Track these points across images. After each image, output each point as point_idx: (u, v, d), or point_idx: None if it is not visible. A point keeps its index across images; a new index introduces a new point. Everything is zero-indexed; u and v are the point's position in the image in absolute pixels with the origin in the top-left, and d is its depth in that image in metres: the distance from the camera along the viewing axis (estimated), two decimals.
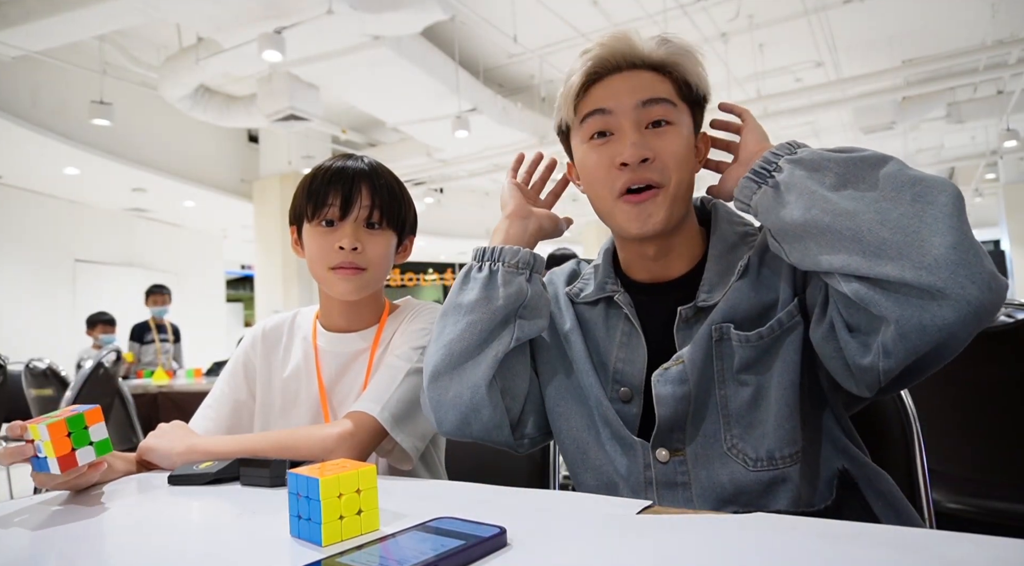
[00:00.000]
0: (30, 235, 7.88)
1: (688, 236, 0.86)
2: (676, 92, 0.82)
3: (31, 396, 3.08)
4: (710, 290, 0.80)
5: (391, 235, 1.06)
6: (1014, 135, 7.68)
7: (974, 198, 12.37)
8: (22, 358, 3.42)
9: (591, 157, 0.83)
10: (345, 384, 1.07)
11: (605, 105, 0.81)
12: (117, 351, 2.99)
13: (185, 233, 10.45)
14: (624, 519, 0.58)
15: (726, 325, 0.78)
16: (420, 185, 10.30)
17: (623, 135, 0.80)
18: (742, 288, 0.79)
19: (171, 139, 7.78)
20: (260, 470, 0.81)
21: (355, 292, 1.04)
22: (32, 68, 5.98)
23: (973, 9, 6.20)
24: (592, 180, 0.83)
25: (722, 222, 0.87)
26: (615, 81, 0.81)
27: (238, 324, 13.76)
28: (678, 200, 0.80)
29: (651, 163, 0.78)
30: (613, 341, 0.86)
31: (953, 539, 0.49)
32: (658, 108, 0.80)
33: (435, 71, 6.26)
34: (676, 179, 0.80)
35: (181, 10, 4.94)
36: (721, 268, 0.82)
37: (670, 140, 0.80)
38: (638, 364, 0.83)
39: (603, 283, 0.90)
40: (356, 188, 1.01)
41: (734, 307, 0.78)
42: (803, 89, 7.22)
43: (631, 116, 0.79)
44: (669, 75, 0.82)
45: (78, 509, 0.74)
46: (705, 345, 0.77)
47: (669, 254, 0.85)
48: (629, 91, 0.80)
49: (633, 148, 0.78)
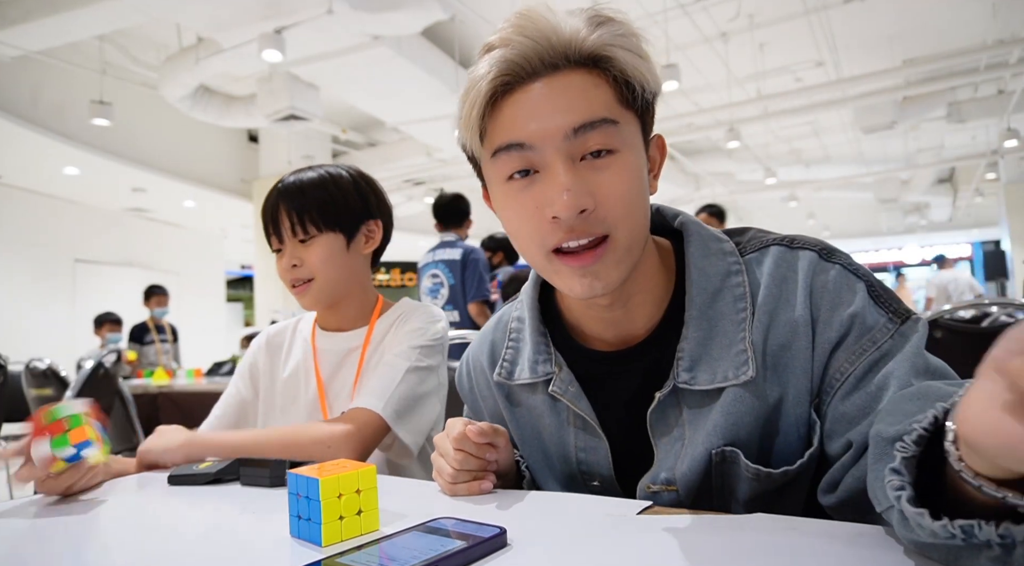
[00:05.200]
0: (30, 235, 7.88)
1: (649, 275, 0.68)
2: (616, 98, 0.61)
3: (31, 396, 3.08)
4: (691, 366, 0.64)
5: (331, 236, 1.08)
6: (1015, 135, 7.67)
7: (975, 198, 12.37)
8: (22, 358, 3.42)
9: (512, 207, 0.63)
10: (339, 381, 1.12)
11: (523, 138, 0.60)
12: (118, 351, 2.99)
13: (185, 233, 10.45)
14: (624, 519, 0.58)
15: (730, 451, 0.63)
16: (420, 185, 10.30)
17: (552, 175, 0.59)
18: (742, 393, 0.62)
19: (171, 139, 7.78)
20: (260, 470, 0.81)
21: (314, 302, 1.10)
22: (32, 68, 5.98)
23: (973, 9, 6.19)
24: (516, 233, 0.64)
25: (697, 257, 0.68)
26: (532, 93, 0.60)
27: (238, 324, 13.75)
28: (633, 249, 0.63)
29: (591, 213, 0.59)
30: (567, 433, 0.73)
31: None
32: (595, 135, 0.59)
33: (435, 71, 6.26)
34: (628, 227, 0.61)
35: (181, 10, 4.93)
36: (702, 332, 0.65)
37: (614, 176, 0.60)
38: (602, 455, 0.70)
39: (535, 362, 0.73)
40: (277, 214, 1.07)
41: (736, 423, 0.63)
42: (803, 89, 7.22)
43: (560, 149, 0.59)
44: (605, 73, 0.60)
45: (78, 509, 0.74)
46: (702, 468, 0.64)
47: (628, 303, 0.68)
48: (552, 112, 0.59)
49: (568, 197, 0.58)
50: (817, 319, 0.62)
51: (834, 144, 10.66)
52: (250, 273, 12.11)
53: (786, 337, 0.63)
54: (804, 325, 0.62)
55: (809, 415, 0.62)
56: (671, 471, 0.65)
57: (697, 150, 10.25)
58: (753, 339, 0.63)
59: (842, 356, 0.61)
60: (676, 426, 0.66)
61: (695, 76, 7.38)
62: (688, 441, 0.65)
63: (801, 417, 0.63)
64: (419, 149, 8.84)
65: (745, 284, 0.65)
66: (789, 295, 0.64)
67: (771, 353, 0.63)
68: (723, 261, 0.67)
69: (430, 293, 3.38)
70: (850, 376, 0.60)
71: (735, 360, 0.63)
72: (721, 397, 0.63)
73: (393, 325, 1.12)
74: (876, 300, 0.62)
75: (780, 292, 0.64)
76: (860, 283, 0.63)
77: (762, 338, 0.63)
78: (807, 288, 0.63)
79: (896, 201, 12.58)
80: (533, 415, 0.76)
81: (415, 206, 10.71)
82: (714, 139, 9.05)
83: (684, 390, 0.65)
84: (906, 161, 11.50)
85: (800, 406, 0.62)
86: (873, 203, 12.71)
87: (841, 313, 0.61)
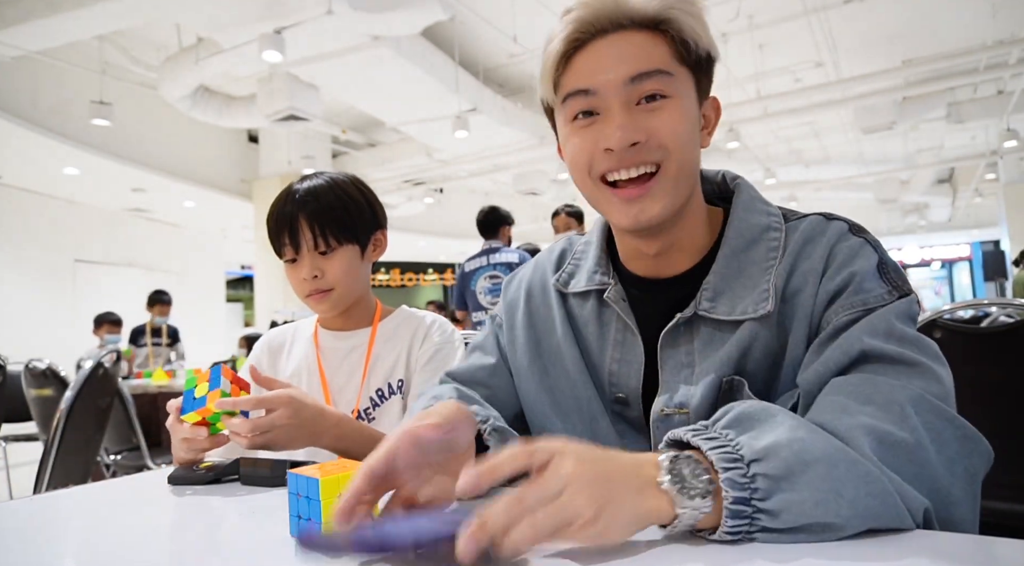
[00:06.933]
0: (30, 235, 7.88)
1: (695, 225, 0.75)
2: (673, 55, 0.68)
3: (31, 396, 3.07)
4: (713, 297, 0.70)
5: (349, 248, 1.11)
6: (1014, 135, 7.68)
7: (974, 198, 12.38)
8: (22, 358, 3.41)
9: (573, 141, 0.71)
10: (343, 378, 1.15)
11: (588, 84, 0.68)
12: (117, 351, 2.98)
13: (185, 233, 10.46)
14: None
15: (737, 379, 0.68)
16: (420, 185, 10.30)
17: (610, 116, 0.68)
18: (758, 329, 0.68)
19: (171, 139, 7.78)
20: (260, 470, 0.81)
21: (331, 310, 1.13)
22: (32, 68, 5.98)
23: (973, 9, 6.19)
24: (574, 165, 0.72)
25: (741, 209, 0.74)
26: (599, 48, 0.68)
27: (238, 324, 13.75)
28: (680, 184, 0.69)
29: (643, 145, 0.67)
30: (607, 341, 0.78)
31: (953, 539, 0.49)
32: (650, 82, 0.67)
33: (435, 71, 6.26)
34: (676, 159, 0.68)
35: (181, 10, 4.94)
36: (730, 271, 0.71)
37: (667, 116, 0.67)
38: (635, 368, 0.75)
39: (593, 272, 0.81)
40: (296, 225, 1.08)
41: (745, 353, 0.68)
42: (803, 89, 7.23)
43: (619, 95, 0.67)
44: (664, 34, 0.68)
45: (78, 509, 0.74)
46: (712, 395, 0.68)
47: (670, 249, 0.74)
48: (615, 63, 0.67)
49: (620, 130, 0.66)
50: (825, 271, 0.67)
51: (834, 144, 10.67)
52: (250, 273, 12.12)
53: (799, 284, 0.68)
54: (814, 275, 0.67)
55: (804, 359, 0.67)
56: (686, 397, 0.69)
57: None
58: (776, 282, 0.68)
59: (832, 309, 0.65)
60: (685, 353, 0.71)
61: None
62: (699, 370, 0.70)
63: (797, 359, 0.67)
64: (419, 149, 8.85)
65: (780, 240, 0.71)
66: (812, 251, 0.69)
67: (786, 298, 0.68)
68: (766, 218, 0.74)
69: (489, 293, 3.70)
70: (830, 326, 0.64)
71: (757, 297, 0.68)
72: (737, 331, 0.68)
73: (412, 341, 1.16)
74: (883, 274, 0.66)
75: (805, 248, 0.70)
76: (875, 255, 0.68)
77: (783, 283, 0.69)
78: (828, 247, 0.69)
79: (896, 201, 12.58)
80: (578, 324, 0.81)
81: (415, 206, 10.72)
82: (714, 139, 9.02)
83: (703, 318, 0.70)
84: (906, 161, 11.50)
85: (798, 348, 0.67)
86: (873, 203, 12.72)
87: (844, 269, 0.66)
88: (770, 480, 0.48)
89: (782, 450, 0.49)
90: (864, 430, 0.53)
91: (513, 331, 0.86)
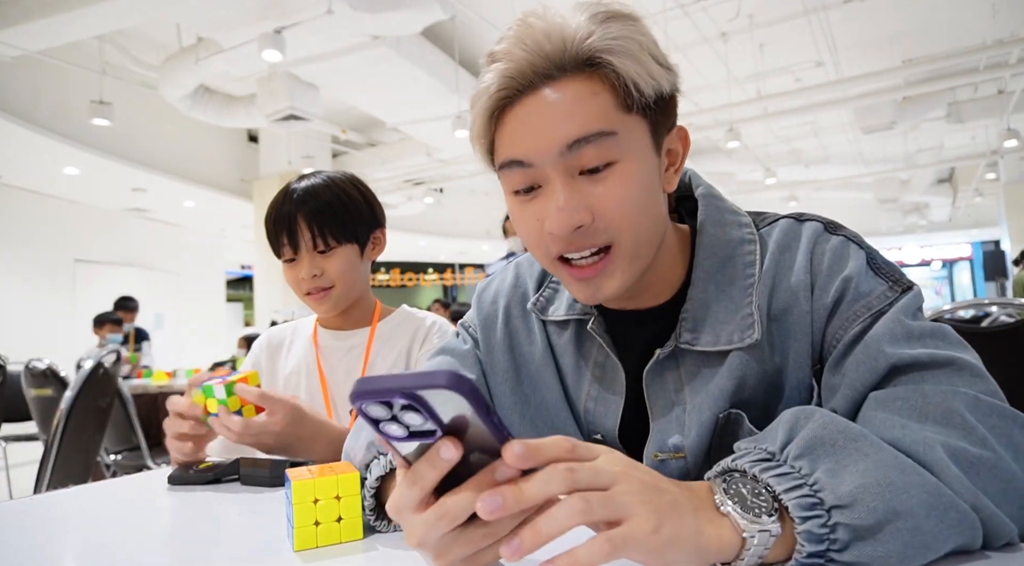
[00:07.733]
0: (30, 235, 7.88)
1: (666, 261, 0.69)
2: (616, 105, 0.58)
3: (30, 396, 3.07)
4: (694, 326, 0.65)
5: (348, 247, 1.11)
6: (1014, 135, 7.67)
7: (974, 198, 12.38)
8: (22, 358, 3.41)
9: (518, 217, 0.64)
10: (342, 377, 1.16)
11: (523, 155, 0.60)
12: (117, 352, 2.98)
13: (185, 233, 10.45)
14: None
15: (735, 413, 0.63)
16: (420, 185, 10.30)
17: (551, 190, 0.60)
18: (748, 357, 0.63)
19: (171, 139, 7.78)
20: (260, 470, 0.81)
21: (332, 309, 1.13)
22: (32, 68, 5.98)
23: (973, 9, 6.19)
24: (527, 243, 0.65)
25: (710, 225, 0.69)
26: (529, 107, 0.59)
27: (238, 324, 13.75)
28: (638, 257, 0.62)
29: (588, 228, 0.59)
30: (583, 377, 0.73)
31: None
32: (590, 149, 0.58)
33: (435, 71, 6.26)
34: (630, 235, 0.61)
35: (181, 10, 4.93)
36: (708, 295, 0.65)
37: (613, 186, 0.59)
38: (612, 407, 0.70)
39: (573, 300, 0.74)
40: (295, 225, 1.08)
41: (742, 386, 0.63)
42: (803, 89, 7.22)
43: (557, 166, 0.59)
44: (604, 77, 0.58)
45: (78, 509, 0.74)
46: (709, 434, 0.64)
47: (645, 289, 0.69)
48: (549, 126, 0.58)
49: (561, 214, 0.58)
50: (815, 284, 0.63)
51: (834, 144, 10.66)
52: (250, 273, 12.11)
53: (787, 302, 0.64)
54: (804, 290, 0.63)
55: (810, 380, 0.63)
56: (681, 438, 0.64)
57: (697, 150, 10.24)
58: (759, 303, 0.64)
59: (836, 322, 0.61)
60: (674, 391, 0.66)
61: (695, 76, 7.39)
62: (691, 407, 0.65)
63: (803, 382, 0.63)
64: (419, 149, 8.84)
65: (756, 253, 0.66)
66: (791, 261, 0.65)
67: (774, 317, 0.64)
68: (738, 231, 0.68)
69: None
70: (840, 343, 0.61)
71: (741, 323, 0.63)
72: (727, 361, 0.63)
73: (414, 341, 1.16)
74: (876, 270, 0.63)
75: (783, 259, 0.65)
76: (861, 252, 0.64)
77: (766, 303, 0.64)
78: (808, 254, 0.64)
79: (896, 201, 12.58)
80: (555, 352, 0.75)
81: (415, 206, 10.71)
82: (714, 139, 9.04)
83: (685, 351, 0.65)
84: (906, 161, 11.50)
85: (802, 371, 0.63)
86: (873, 203, 12.72)
87: (835, 278, 0.62)
88: (853, 531, 0.42)
89: (871, 498, 0.43)
90: (943, 449, 0.47)
91: (492, 354, 0.79)
